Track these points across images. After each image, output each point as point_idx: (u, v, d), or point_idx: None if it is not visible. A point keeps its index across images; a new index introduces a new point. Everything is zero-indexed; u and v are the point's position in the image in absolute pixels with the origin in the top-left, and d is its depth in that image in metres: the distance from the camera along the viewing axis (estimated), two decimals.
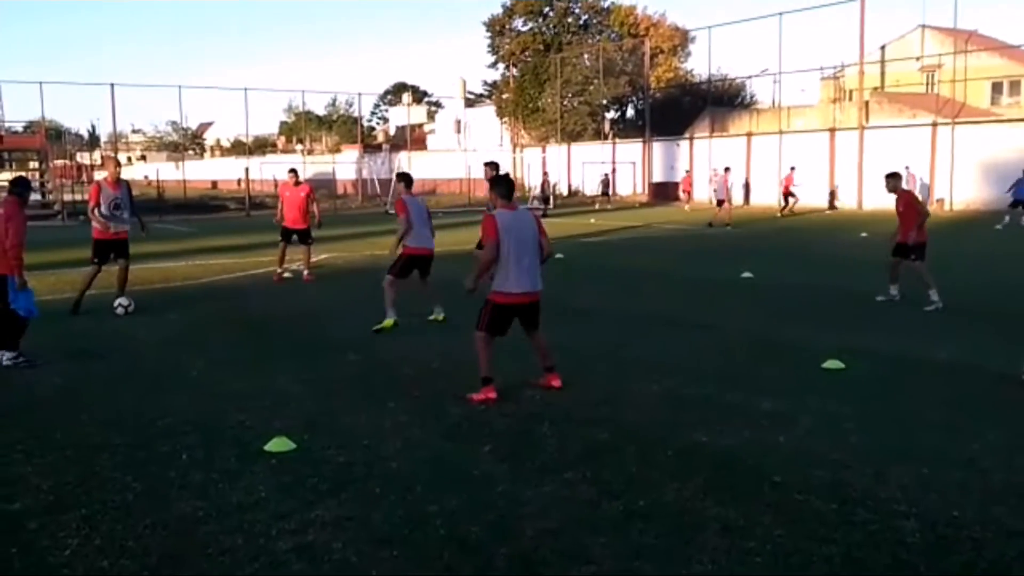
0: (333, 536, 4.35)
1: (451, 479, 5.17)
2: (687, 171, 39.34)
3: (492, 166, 11.27)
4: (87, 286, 11.34)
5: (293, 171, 15.11)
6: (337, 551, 4.19)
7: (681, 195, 39.85)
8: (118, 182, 11.51)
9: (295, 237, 14.75)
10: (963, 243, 19.80)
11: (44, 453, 5.74)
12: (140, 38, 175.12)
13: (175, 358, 8.70)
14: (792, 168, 32.47)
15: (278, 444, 5.73)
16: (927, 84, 42.85)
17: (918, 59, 41.58)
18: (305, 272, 14.69)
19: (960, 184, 32.39)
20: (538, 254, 6.95)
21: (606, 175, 43.00)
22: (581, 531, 4.42)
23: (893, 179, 11.59)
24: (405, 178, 11.08)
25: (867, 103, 37.65)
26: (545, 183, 36.64)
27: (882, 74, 44.36)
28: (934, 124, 33.65)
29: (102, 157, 61.82)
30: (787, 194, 31.82)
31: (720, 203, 26.48)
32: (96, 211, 11.29)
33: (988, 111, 40.16)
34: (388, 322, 9.96)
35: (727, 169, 28.30)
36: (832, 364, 7.78)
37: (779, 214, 30.98)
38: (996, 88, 43.06)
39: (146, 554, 4.21)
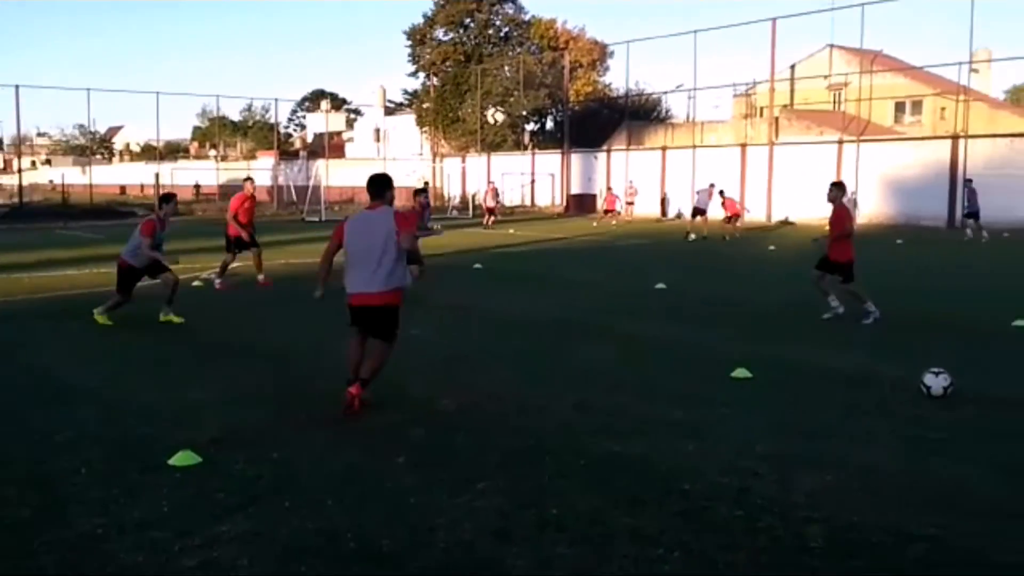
0: (240, 552, 4.24)
1: (363, 492, 5.10)
2: (609, 188, 38.30)
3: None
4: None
5: (251, 179, 15.35)
6: (243, 567, 4.09)
7: (601, 209, 40.20)
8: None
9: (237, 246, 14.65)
10: (869, 255, 20.51)
11: None
12: (47, 39, 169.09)
13: (77, 368, 8.40)
14: (711, 184, 31.09)
15: (183, 458, 5.56)
16: (834, 102, 44.44)
17: (826, 78, 43.09)
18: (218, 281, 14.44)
19: (865, 199, 33.59)
20: (386, 255, 6.51)
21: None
22: (493, 542, 4.41)
23: (836, 189, 11.12)
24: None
25: (777, 120, 38.83)
26: (493, 192, 35.90)
27: (792, 92, 45.88)
28: (840, 141, 34.90)
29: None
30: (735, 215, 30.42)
31: (698, 213, 26.37)
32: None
33: (891, 129, 41.91)
34: None
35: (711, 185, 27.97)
36: (740, 373, 7.96)
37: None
38: (899, 107, 44.96)
39: (42, 573, 4.04)
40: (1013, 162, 29.92)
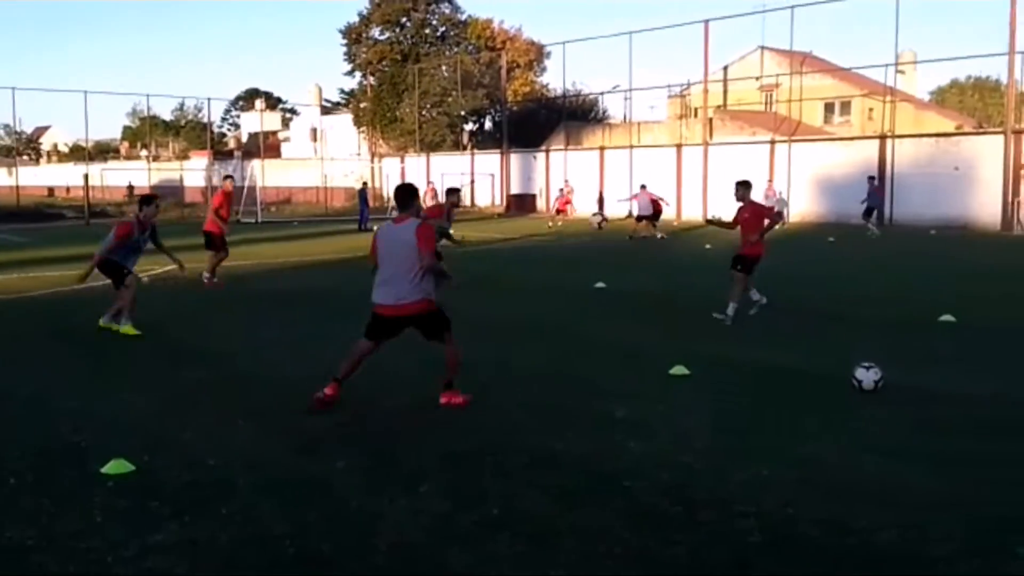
0: (175, 561, 4.15)
1: (303, 497, 5.04)
2: (562, 190, 37.51)
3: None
4: None
5: (231, 177, 16.21)
6: None
7: (550, 209, 40.24)
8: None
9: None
10: (800, 253, 20.96)
11: None
12: None
13: (3, 375, 8.13)
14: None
15: (116, 466, 5.42)
16: (766, 103, 45.31)
17: (758, 79, 43.90)
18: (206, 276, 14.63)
19: (796, 198, 34.34)
20: (410, 267, 6.63)
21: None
22: (435, 543, 4.39)
23: (743, 187, 11.32)
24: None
25: (711, 120, 39.46)
26: (432, 192, 35.75)
27: (724, 92, 46.68)
28: (772, 141, 35.59)
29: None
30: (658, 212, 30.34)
31: (640, 219, 26.35)
32: None
33: (821, 129, 42.88)
34: None
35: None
36: (679, 370, 8.06)
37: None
38: (828, 108, 46.04)
39: None
40: (938, 161, 30.85)
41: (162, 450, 5.84)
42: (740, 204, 11.28)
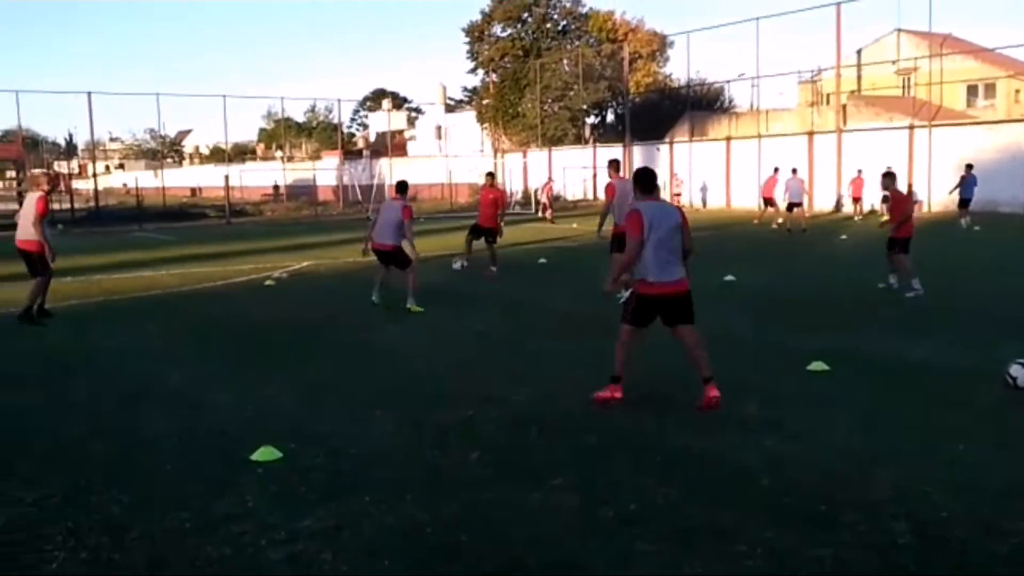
0: (323, 546, 4.31)
1: (440, 487, 5.14)
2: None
3: (613, 164, 13.67)
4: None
5: (491, 174, 17.21)
6: (327, 562, 4.15)
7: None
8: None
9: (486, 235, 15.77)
10: (942, 243, 19.96)
11: (27, 467, 5.66)
12: (118, 46, 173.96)
13: (156, 368, 8.62)
14: (794, 170, 29.62)
15: (264, 453, 5.68)
16: (903, 87, 43.29)
17: (894, 62, 41.99)
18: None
19: (938, 186, 32.65)
20: (679, 246, 6.67)
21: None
22: (571, 538, 4.40)
23: (887, 178, 12.68)
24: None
25: (844, 106, 37.95)
26: (549, 188, 36.27)
27: (859, 77, 44.83)
28: (911, 127, 33.95)
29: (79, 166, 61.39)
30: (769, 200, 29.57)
31: (791, 207, 25.22)
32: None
33: (964, 113, 40.63)
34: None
35: (776, 170, 27.13)
36: (817, 366, 7.81)
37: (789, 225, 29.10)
38: (971, 91, 43.61)
39: (133, 567, 4.16)
40: None
41: (305, 439, 6.07)
42: (884, 193, 13.00)
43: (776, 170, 27.48)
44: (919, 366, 8.02)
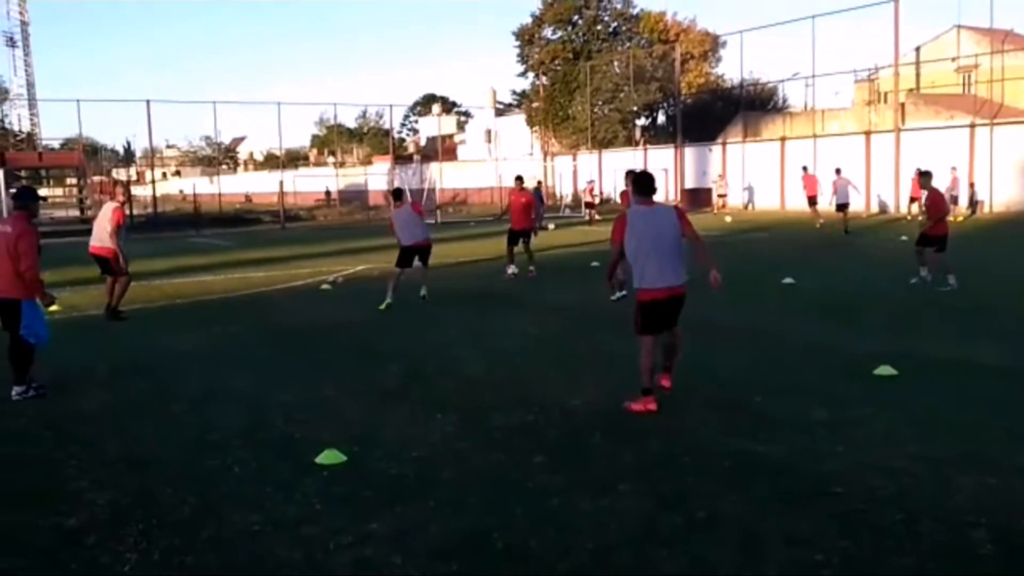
0: (391, 550, 4.30)
1: (505, 491, 5.11)
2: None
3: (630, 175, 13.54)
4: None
5: (519, 178, 17.39)
6: (396, 566, 4.14)
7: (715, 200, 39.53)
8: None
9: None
10: (1004, 246, 19.44)
11: (97, 468, 5.76)
12: (173, 55, 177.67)
13: (220, 371, 8.74)
14: (837, 170, 28.87)
15: (329, 456, 5.71)
16: (963, 85, 42.27)
17: (954, 60, 41.02)
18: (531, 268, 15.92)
19: (1000, 185, 31.84)
20: (679, 249, 6.69)
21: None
22: (640, 545, 4.34)
23: (924, 177, 13.34)
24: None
25: (903, 105, 37.16)
26: (591, 190, 36.58)
27: (917, 75, 43.82)
28: (972, 125, 33.12)
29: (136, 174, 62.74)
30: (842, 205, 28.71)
31: (840, 208, 25.05)
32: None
33: None
34: None
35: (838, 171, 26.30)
36: (884, 371, 7.62)
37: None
38: None
39: (205, 569, 4.20)
40: None
41: (368, 442, 6.09)
42: (924, 192, 13.51)
43: (804, 168, 27.11)
44: (989, 371, 7.79)
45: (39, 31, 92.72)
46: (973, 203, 31.78)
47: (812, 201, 27.07)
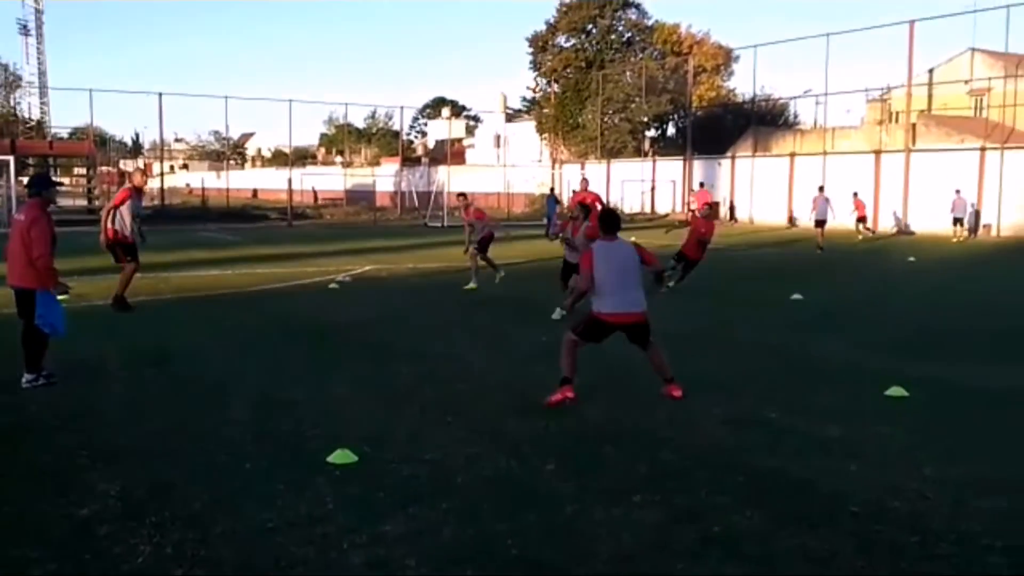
0: (406, 552, 4.28)
1: (517, 497, 5.09)
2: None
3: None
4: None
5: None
6: (411, 567, 4.13)
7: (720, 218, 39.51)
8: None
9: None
10: (1014, 270, 19.42)
11: (109, 460, 5.75)
12: (185, 48, 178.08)
13: (232, 366, 8.73)
14: (820, 188, 29.26)
15: (341, 456, 5.69)
16: (975, 108, 42.24)
17: (967, 82, 41.00)
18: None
19: (1009, 210, 31.83)
20: (639, 279, 7.27)
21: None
22: (654, 557, 4.31)
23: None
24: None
25: (914, 126, 37.17)
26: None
27: (929, 97, 43.79)
28: (983, 148, 33.12)
29: (144, 164, 62.82)
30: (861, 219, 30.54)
31: (818, 224, 26.16)
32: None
33: None
34: None
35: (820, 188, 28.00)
36: (896, 391, 7.60)
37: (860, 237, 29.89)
38: None
39: (219, 564, 4.18)
40: None
41: (380, 443, 6.07)
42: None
43: (855, 194, 28.23)
44: (1002, 394, 7.77)
45: (53, 19, 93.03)
46: (975, 226, 31.80)
47: (862, 220, 29.90)
